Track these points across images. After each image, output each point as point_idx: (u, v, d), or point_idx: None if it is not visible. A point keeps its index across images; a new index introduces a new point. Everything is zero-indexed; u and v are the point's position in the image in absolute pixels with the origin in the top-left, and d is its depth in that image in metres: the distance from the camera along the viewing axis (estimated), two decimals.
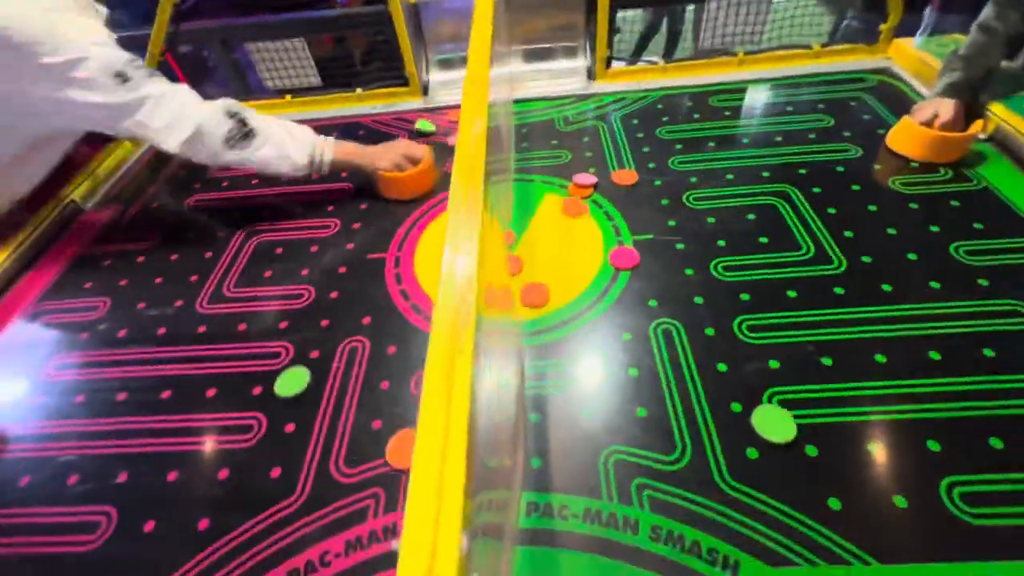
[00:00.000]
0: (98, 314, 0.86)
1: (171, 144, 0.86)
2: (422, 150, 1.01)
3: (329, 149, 0.96)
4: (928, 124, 0.91)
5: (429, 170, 1.01)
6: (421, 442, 0.25)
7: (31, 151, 0.94)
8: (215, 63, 1.68)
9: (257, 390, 0.72)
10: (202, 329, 0.81)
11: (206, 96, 0.91)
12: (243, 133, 0.90)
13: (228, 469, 0.63)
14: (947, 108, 0.91)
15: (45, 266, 0.96)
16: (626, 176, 0.98)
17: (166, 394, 0.73)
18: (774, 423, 0.60)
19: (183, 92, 0.88)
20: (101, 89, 0.80)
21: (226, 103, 0.91)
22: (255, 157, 0.91)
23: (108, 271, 0.94)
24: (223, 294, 0.87)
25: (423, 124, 1.19)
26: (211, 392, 0.72)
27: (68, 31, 0.78)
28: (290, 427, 0.67)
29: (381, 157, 0.99)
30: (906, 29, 1.19)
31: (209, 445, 0.66)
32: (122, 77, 0.81)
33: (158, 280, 0.91)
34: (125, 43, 0.87)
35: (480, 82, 0.50)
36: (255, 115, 0.93)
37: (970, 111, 0.93)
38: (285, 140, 0.93)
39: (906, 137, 0.94)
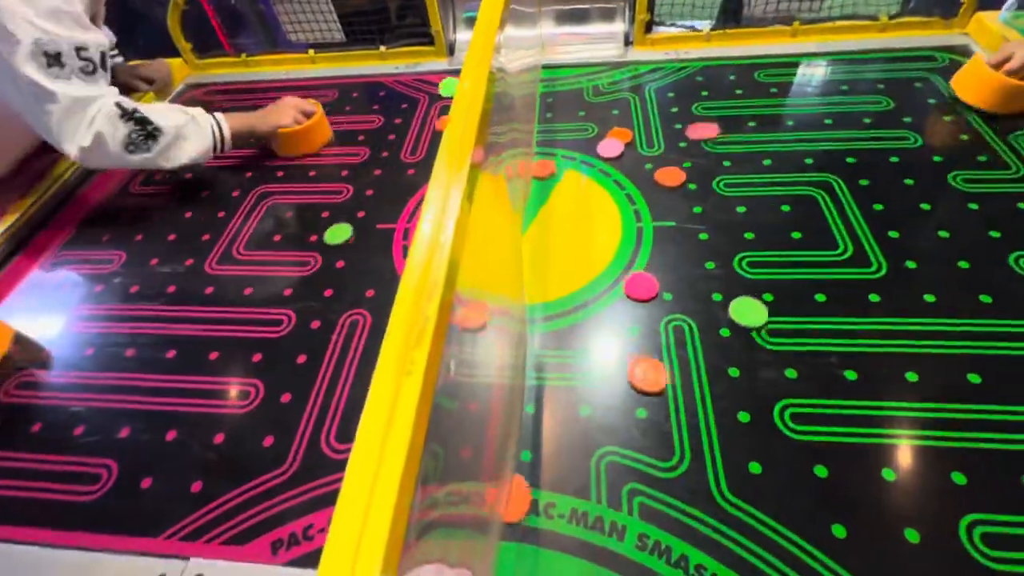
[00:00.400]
0: (113, 267, 0.87)
1: (71, 153, 0.84)
2: (311, 103, 1.03)
3: (225, 124, 0.95)
4: (999, 67, 0.83)
5: (323, 122, 1.04)
6: (363, 430, 0.22)
7: None
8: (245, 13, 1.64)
9: (257, 357, 0.72)
10: (209, 290, 0.81)
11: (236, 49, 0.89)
12: (145, 134, 0.86)
13: (223, 434, 0.64)
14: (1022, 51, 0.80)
15: (67, 215, 0.98)
16: (671, 175, 0.88)
17: (171, 353, 0.74)
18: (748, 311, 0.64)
19: (104, 99, 0.83)
20: (32, 65, 0.77)
21: (117, 105, 0.84)
22: (161, 156, 0.89)
23: (125, 225, 0.95)
24: (232, 256, 0.86)
25: (447, 86, 1.14)
26: (213, 355, 0.73)
27: None
28: (286, 397, 0.67)
29: (278, 115, 0.99)
30: (992, 1, 1.05)
31: (208, 408, 0.67)
32: (52, 59, 0.78)
33: (171, 237, 0.91)
34: None
35: (489, 30, 0.46)
36: (153, 109, 0.88)
37: None
38: (186, 131, 0.90)
39: (971, 81, 0.86)
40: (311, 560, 0.53)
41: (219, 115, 0.96)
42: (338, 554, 0.19)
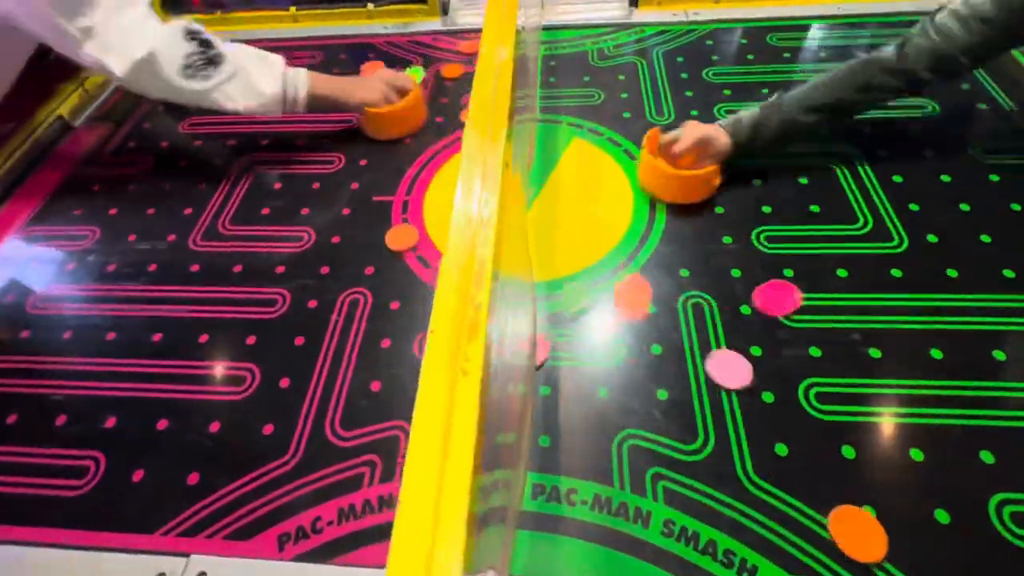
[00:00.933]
0: (87, 244, 0.81)
1: (118, 67, 0.72)
2: (409, 80, 0.90)
3: (304, 82, 0.82)
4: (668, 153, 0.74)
5: (419, 103, 0.91)
6: (420, 412, 0.19)
7: None
8: None
9: (251, 339, 0.67)
10: (195, 268, 0.76)
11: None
12: (207, 58, 0.75)
13: (219, 422, 0.60)
14: (688, 136, 0.71)
15: (32, 187, 0.90)
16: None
17: (157, 337, 0.69)
18: None
19: (140, 7, 0.73)
20: None
21: (185, 23, 0.75)
22: (218, 90, 0.76)
23: (99, 197, 0.88)
24: (218, 231, 0.80)
25: (415, 71, 1.04)
26: (203, 338, 0.68)
27: None
28: (285, 382, 0.63)
29: (366, 89, 0.86)
30: None
31: (200, 395, 0.63)
32: None
33: (150, 211, 0.84)
34: None
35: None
36: (218, 40, 0.78)
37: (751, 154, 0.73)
38: (253, 69, 0.78)
39: (642, 168, 0.77)
40: (321, 554, 0.50)
41: (303, 72, 0.83)
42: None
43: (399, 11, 1.17)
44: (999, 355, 0.58)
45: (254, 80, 0.78)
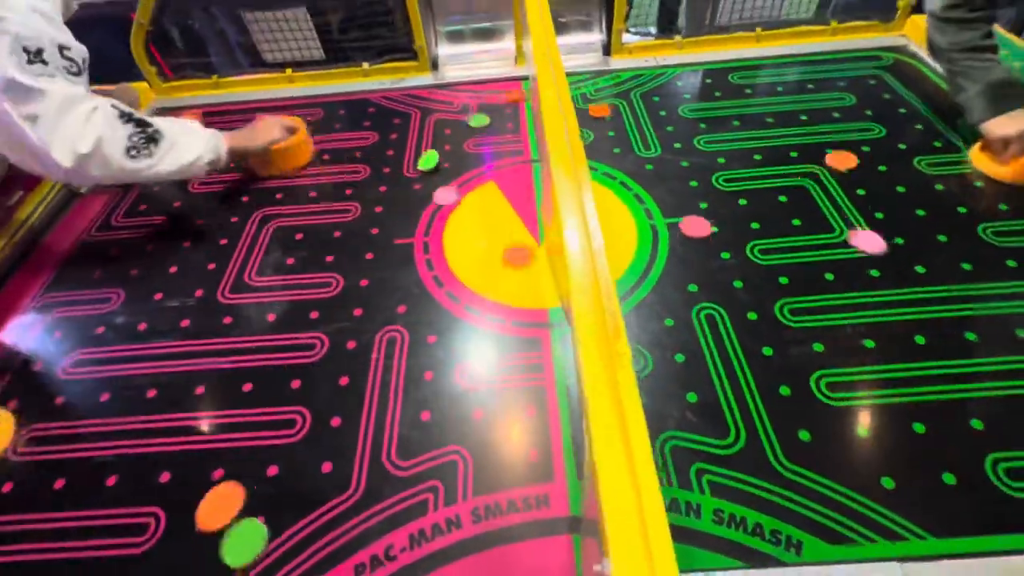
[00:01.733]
0: (112, 306, 0.82)
1: (63, 159, 0.73)
2: (291, 119, 1.03)
3: (222, 142, 0.89)
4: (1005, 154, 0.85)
5: (307, 138, 1.04)
6: (595, 410, 0.24)
7: None
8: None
9: (296, 383, 0.70)
10: (228, 320, 0.78)
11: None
12: (146, 136, 0.79)
13: (277, 466, 0.62)
14: (1017, 136, 0.82)
15: (44, 253, 0.91)
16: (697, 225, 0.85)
17: (199, 390, 0.70)
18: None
19: (77, 88, 0.75)
20: (5, 60, 0.68)
21: (112, 104, 0.78)
22: (161, 164, 0.81)
23: (117, 260, 0.89)
24: (245, 283, 0.83)
25: (478, 119, 1.11)
26: (247, 387, 0.70)
27: None
28: (336, 421, 0.65)
29: (268, 132, 0.97)
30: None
31: (253, 441, 0.65)
32: (34, 55, 0.70)
33: (172, 269, 0.87)
34: (111, 12, 0.80)
35: (552, 50, 0.48)
36: (150, 118, 0.82)
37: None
38: (182, 139, 0.83)
39: (995, 170, 0.87)
40: None
41: (217, 132, 0.90)
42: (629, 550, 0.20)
43: (393, 68, 1.25)
44: (971, 336, 0.67)
45: (189, 146, 0.84)
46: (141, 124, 0.80)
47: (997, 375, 0.63)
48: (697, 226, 0.84)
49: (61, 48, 0.74)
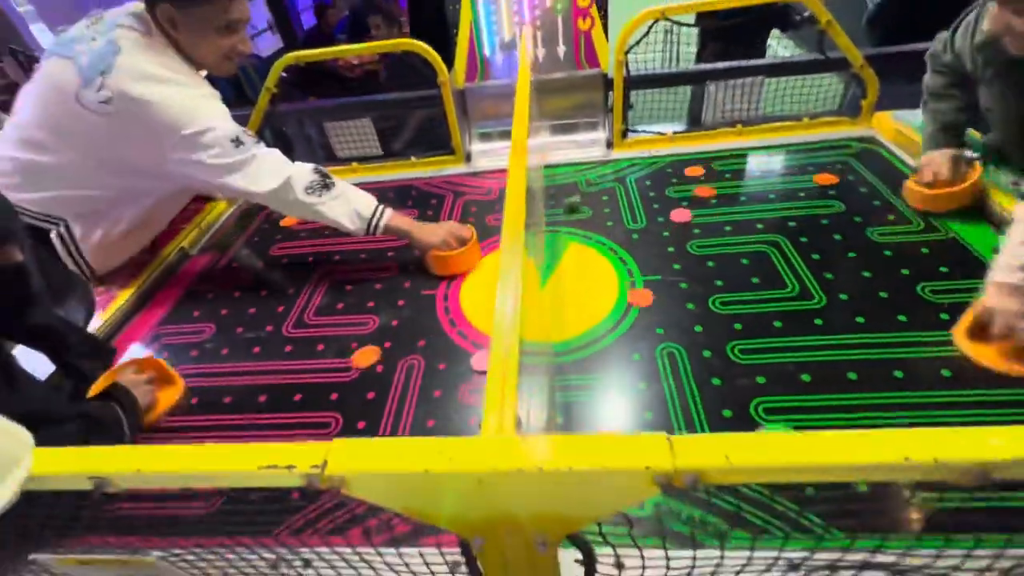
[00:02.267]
0: (204, 336, 1.06)
1: (262, 190, 1.03)
2: (469, 230, 1.13)
3: (387, 215, 1.10)
4: (932, 184, 1.04)
5: (474, 248, 1.12)
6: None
7: (158, 208, 1.20)
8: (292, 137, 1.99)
9: (334, 396, 0.89)
10: (288, 348, 1.00)
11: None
12: (323, 184, 1.07)
13: None
14: (942, 168, 1.03)
15: (163, 298, 1.19)
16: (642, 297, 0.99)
17: (262, 398, 0.90)
18: None
19: (277, 153, 1.08)
20: (221, 151, 1.01)
21: (313, 165, 1.10)
22: (326, 207, 1.06)
23: (211, 303, 1.15)
24: (304, 321, 1.06)
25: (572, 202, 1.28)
26: (297, 397, 0.90)
27: (200, 106, 1.02)
28: (361, 424, 0.83)
29: (432, 234, 1.10)
30: (885, 103, 1.37)
31: (297, 437, 0.83)
32: (237, 142, 1.03)
33: (251, 311, 1.11)
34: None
35: (521, 150, 0.70)
36: (335, 177, 1.12)
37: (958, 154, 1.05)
38: (354, 196, 1.10)
39: (916, 197, 1.07)
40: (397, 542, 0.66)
41: (388, 208, 1.11)
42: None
43: (435, 161, 1.55)
44: (899, 374, 0.77)
45: (353, 204, 1.09)
46: (323, 175, 1.08)
47: (918, 406, 0.73)
48: (643, 297, 0.99)
49: (244, 131, 1.05)
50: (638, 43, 1.36)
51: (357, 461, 0.34)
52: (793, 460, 0.30)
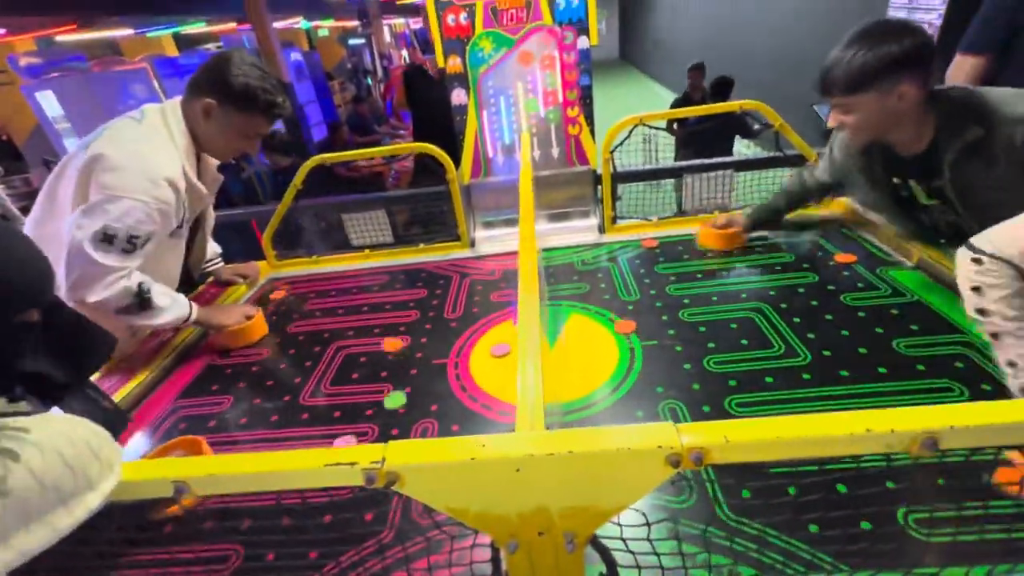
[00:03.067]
0: (222, 408, 1.10)
1: (78, 297, 1.09)
2: (255, 310, 1.34)
3: (195, 311, 1.25)
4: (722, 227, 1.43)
5: (259, 323, 1.33)
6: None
7: None
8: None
9: None
10: (305, 416, 1.04)
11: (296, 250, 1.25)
12: (139, 305, 1.14)
13: (331, 514, 0.80)
14: (721, 217, 1.45)
15: (182, 373, 1.23)
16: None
17: None
18: None
19: (127, 272, 1.11)
20: (109, 238, 1.06)
21: (140, 282, 1.14)
22: (135, 322, 1.17)
23: (230, 377, 1.20)
24: (320, 390, 1.11)
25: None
26: None
27: (143, 187, 1.07)
28: None
29: (227, 316, 1.30)
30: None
31: (315, 499, 0.84)
32: (131, 244, 1.08)
33: (269, 383, 1.16)
34: (240, 218, 1.25)
35: (529, 241, 0.81)
36: (158, 290, 1.18)
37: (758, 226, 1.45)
38: (169, 310, 1.19)
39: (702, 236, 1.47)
40: None
41: (195, 306, 1.26)
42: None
43: (441, 246, 1.69)
44: None
45: (165, 315, 1.19)
46: (143, 299, 1.15)
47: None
48: (627, 326, 1.07)
49: (130, 237, 1.10)
50: (621, 144, 1.56)
51: (411, 456, 0.39)
52: (777, 435, 0.36)
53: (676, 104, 4.24)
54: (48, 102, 5.40)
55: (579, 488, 0.39)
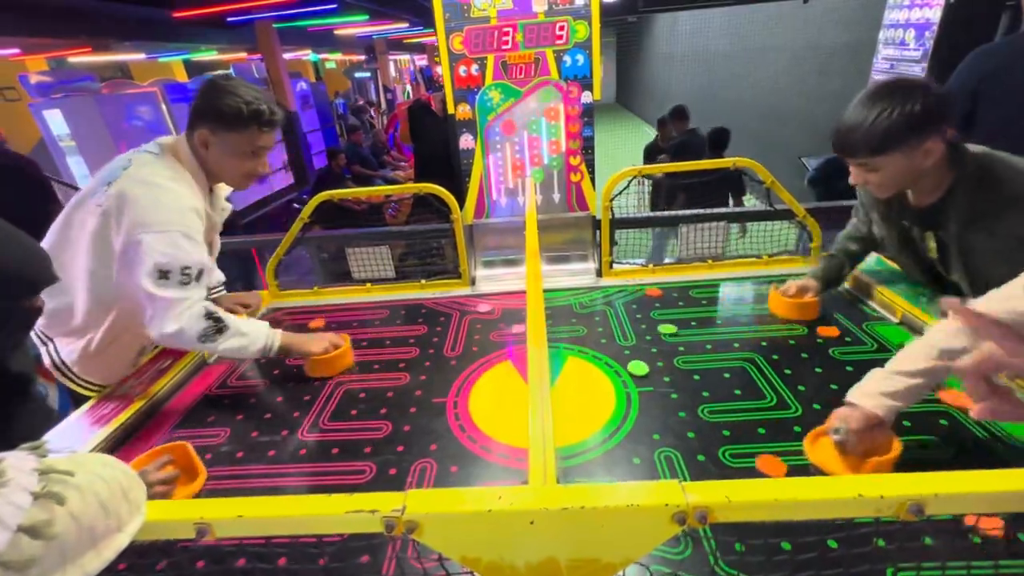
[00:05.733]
0: (219, 440, 1.09)
1: (154, 333, 1.13)
2: (342, 338, 1.32)
3: (278, 338, 1.25)
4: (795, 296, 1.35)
5: (347, 352, 1.31)
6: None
7: (124, 327, 1.25)
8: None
9: None
10: (303, 452, 1.04)
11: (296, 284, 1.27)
12: (216, 329, 1.16)
13: (326, 558, 0.80)
14: (793, 285, 1.35)
15: (179, 402, 1.23)
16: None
17: None
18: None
19: (191, 301, 1.13)
20: (167, 273, 1.10)
21: (207, 307, 1.16)
22: (220, 348, 1.17)
23: (227, 409, 1.20)
24: (319, 425, 1.11)
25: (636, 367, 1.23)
26: None
27: (181, 219, 1.13)
28: None
29: (314, 344, 1.28)
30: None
31: (309, 539, 0.84)
32: (186, 275, 1.12)
33: (267, 416, 1.16)
34: (240, 247, 1.28)
35: (536, 280, 0.85)
36: (229, 316, 1.19)
37: (830, 286, 1.39)
38: (247, 333, 1.20)
39: (773, 302, 1.39)
40: None
41: (278, 331, 1.25)
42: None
43: (442, 283, 1.72)
44: None
45: (248, 340, 1.21)
46: (217, 320, 1.17)
47: None
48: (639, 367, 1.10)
49: (183, 268, 1.13)
50: (620, 194, 1.63)
51: (431, 505, 0.41)
52: (775, 497, 0.39)
53: (647, 150, 4.36)
54: (55, 120, 5.47)
55: (588, 541, 0.41)
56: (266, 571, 0.76)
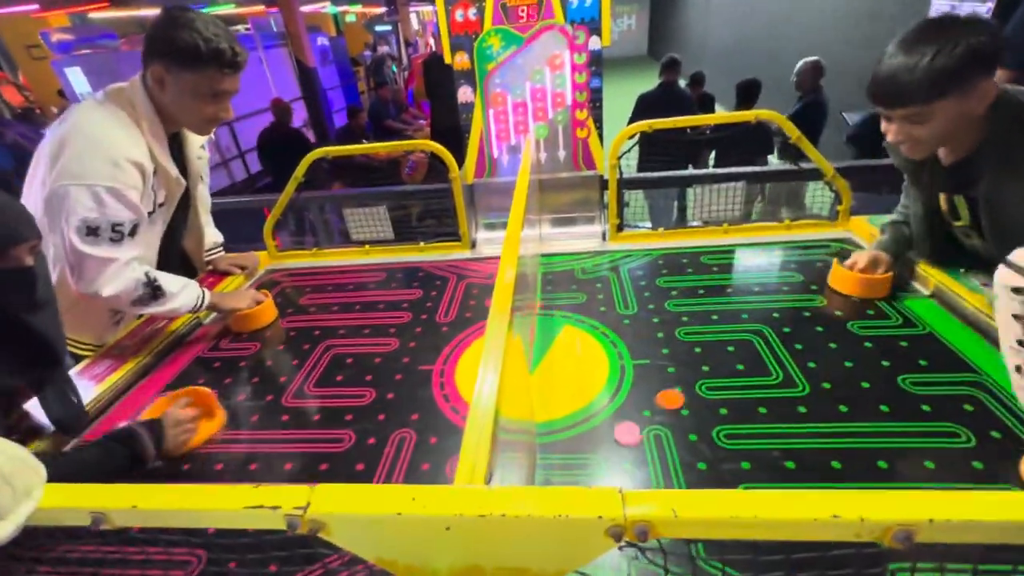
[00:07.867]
0: None
1: (102, 293, 1.11)
2: (264, 295, 1.35)
3: (207, 297, 1.27)
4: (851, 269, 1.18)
5: (269, 307, 1.35)
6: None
7: None
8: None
9: (323, 466, 0.89)
10: (285, 418, 1.02)
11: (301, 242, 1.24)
12: (152, 296, 1.16)
13: None
14: (862, 257, 1.18)
15: (173, 362, 1.23)
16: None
17: (253, 466, 0.91)
18: None
19: (127, 257, 1.12)
20: (95, 228, 1.06)
21: (146, 272, 1.16)
22: (151, 310, 1.19)
23: (218, 371, 1.20)
24: (304, 392, 1.09)
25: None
26: (288, 466, 0.91)
27: (114, 172, 1.05)
28: None
29: (239, 300, 1.32)
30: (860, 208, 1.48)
31: None
32: (116, 232, 1.08)
33: (255, 380, 1.15)
34: (251, 206, 1.24)
35: (514, 241, 0.78)
36: (165, 278, 1.19)
37: (898, 261, 1.20)
38: (179, 295, 1.21)
39: (837, 279, 1.21)
40: None
41: (206, 291, 1.28)
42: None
43: (442, 246, 1.66)
44: (883, 464, 0.78)
45: (180, 302, 1.21)
46: (155, 288, 1.16)
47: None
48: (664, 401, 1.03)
49: (113, 225, 1.08)
50: (629, 150, 1.51)
51: (338, 504, 0.37)
52: (733, 514, 0.33)
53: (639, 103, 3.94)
54: (76, 77, 5.50)
55: (514, 551, 0.36)
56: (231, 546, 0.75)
